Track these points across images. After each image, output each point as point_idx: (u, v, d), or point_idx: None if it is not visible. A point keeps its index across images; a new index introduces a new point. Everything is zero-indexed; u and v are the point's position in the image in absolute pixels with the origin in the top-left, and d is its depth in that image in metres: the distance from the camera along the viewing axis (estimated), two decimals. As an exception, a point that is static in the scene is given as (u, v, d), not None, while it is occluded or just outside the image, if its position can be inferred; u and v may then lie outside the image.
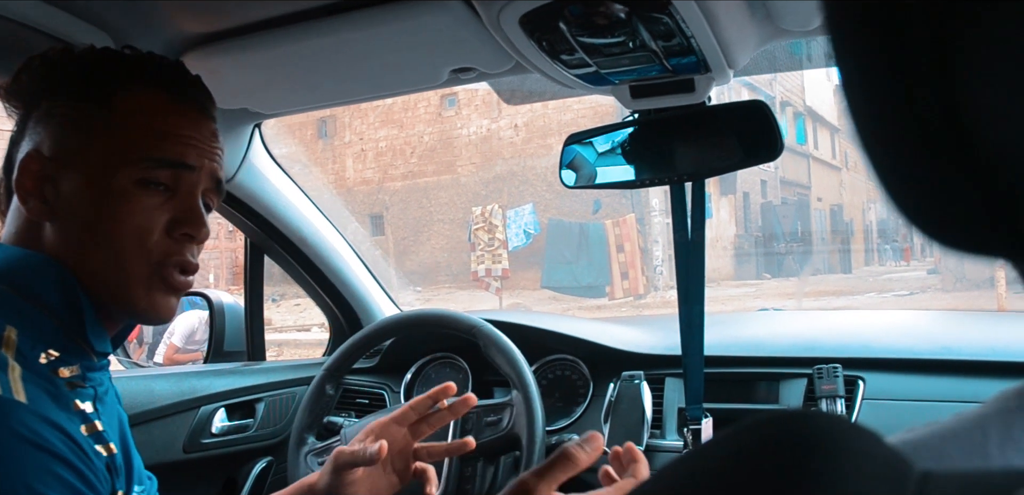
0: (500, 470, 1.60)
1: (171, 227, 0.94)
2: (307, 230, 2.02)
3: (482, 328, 1.66)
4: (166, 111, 0.95)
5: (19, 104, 0.96)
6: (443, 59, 1.29)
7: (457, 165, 22.07)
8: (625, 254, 17.77)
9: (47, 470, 0.76)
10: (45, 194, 0.91)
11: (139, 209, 0.91)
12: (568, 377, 1.91)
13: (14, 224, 0.93)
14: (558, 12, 1.04)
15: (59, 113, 0.92)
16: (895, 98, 0.24)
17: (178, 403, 1.77)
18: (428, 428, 1.26)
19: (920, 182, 0.26)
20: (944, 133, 0.23)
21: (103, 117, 0.92)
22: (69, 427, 0.81)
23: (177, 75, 0.98)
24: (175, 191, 0.95)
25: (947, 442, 0.43)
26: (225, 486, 1.88)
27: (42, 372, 0.84)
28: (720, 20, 1.07)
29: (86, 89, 0.93)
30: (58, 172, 0.91)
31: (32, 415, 0.78)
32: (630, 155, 1.45)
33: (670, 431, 1.72)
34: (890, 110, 0.25)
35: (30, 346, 0.84)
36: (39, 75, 0.94)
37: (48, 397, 0.82)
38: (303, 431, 1.70)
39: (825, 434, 0.34)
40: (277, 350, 11.17)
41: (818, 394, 1.59)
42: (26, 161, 0.91)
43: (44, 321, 0.88)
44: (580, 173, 1.50)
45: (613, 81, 1.31)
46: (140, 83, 0.95)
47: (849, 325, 2.04)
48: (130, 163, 0.91)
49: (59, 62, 0.94)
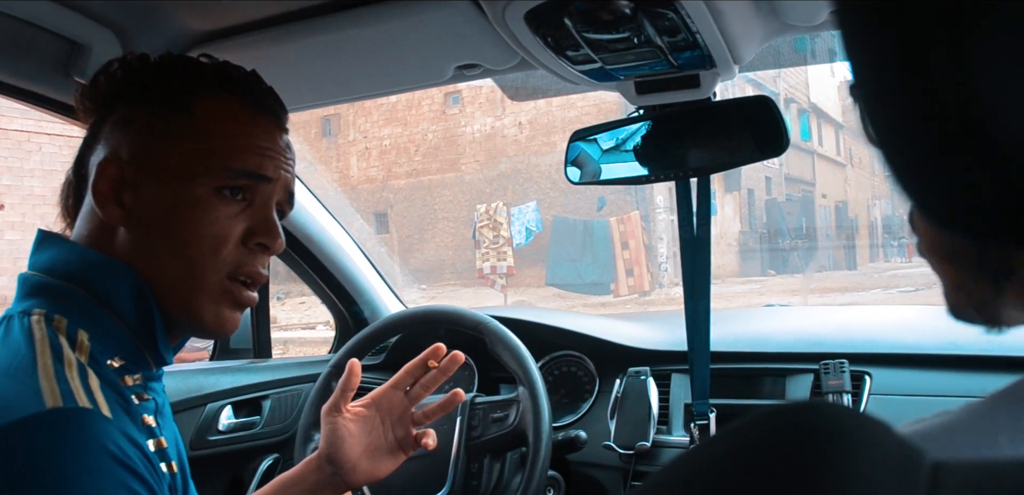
0: (507, 466, 1.60)
1: (246, 237, 0.94)
2: (313, 228, 2.02)
3: (488, 325, 1.66)
4: (245, 121, 0.95)
5: (94, 108, 0.96)
6: (448, 55, 1.29)
7: (461, 163, 22.06)
8: (630, 251, 17.73)
9: (127, 487, 0.74)
10: (122, 199, 0.90)
11: (217, 217, 0.91)
12: (574, 373, 1.91)
13: (86, 226, 0.93)
14: (563, 8, 1.04)
15: (138, 118, 0.92)
16: (907, 87, 0.24)
17: (185, 400, 1.77)
18: (423, 391, 1.29)
19: (931, 169, 0.26)
20: (956, 121, 0.23)
21: (183, 123, 0.92)
22: (143, 443, 0.81)
23: (254, 85, 0.98)
24: (251, 201, 0.95)
25: (957, 433, 0.43)
26: (232, 483, 1.89)
27: (113, 380, 0.83)
28: (725, 15, 1.07)
29: (166, 94, 0.93)
30: (136, 177, 0.90)
31: (117, 430, 0.77)
32: (635, 151, 1.45)
33: (676, 427, 1.72)
34: (902, 99, 0.25)
35: (100, 350, 0.84)
36: (117, 79, 0.94)
37: (122, 410, 0.82)
38: (310, 427, 1.70)
39: (837, 424, 0.34)
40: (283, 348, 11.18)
41: (824, 389, 1.59)
42: (104, 165, 0.90)
43: (113, 326, 0.87)
44: (585, 170, 1.50)
45: (618, 77, 1.31)
46: (220, 90, 0.95)
47: (855, 321, 2.03)
48: (210, 172, 0.91)
49: (138, 67, 0.95)
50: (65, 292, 0.87)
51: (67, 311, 0.84)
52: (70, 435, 0.73)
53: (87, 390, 0.77)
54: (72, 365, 0.79)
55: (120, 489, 0.74)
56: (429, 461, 1.55)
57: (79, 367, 0.79)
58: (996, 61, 0.22)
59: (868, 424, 0.34)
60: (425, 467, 1.55)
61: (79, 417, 0.74)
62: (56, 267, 0.89)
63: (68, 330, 0.83)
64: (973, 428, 0.42)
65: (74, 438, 0.73)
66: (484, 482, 1.55)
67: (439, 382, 1.30)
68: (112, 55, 1.12)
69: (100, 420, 0.76)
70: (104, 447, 0.74)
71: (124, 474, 0.75)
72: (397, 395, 1.29)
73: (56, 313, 0.83)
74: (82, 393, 0.76)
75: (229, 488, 1.88)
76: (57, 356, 0.79)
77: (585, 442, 1.65)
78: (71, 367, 0.78)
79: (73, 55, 1.22)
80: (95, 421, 0.75)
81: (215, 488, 1.86)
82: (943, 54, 0.23)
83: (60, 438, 0.72)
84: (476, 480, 1.55)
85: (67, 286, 0.87)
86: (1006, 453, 0.39)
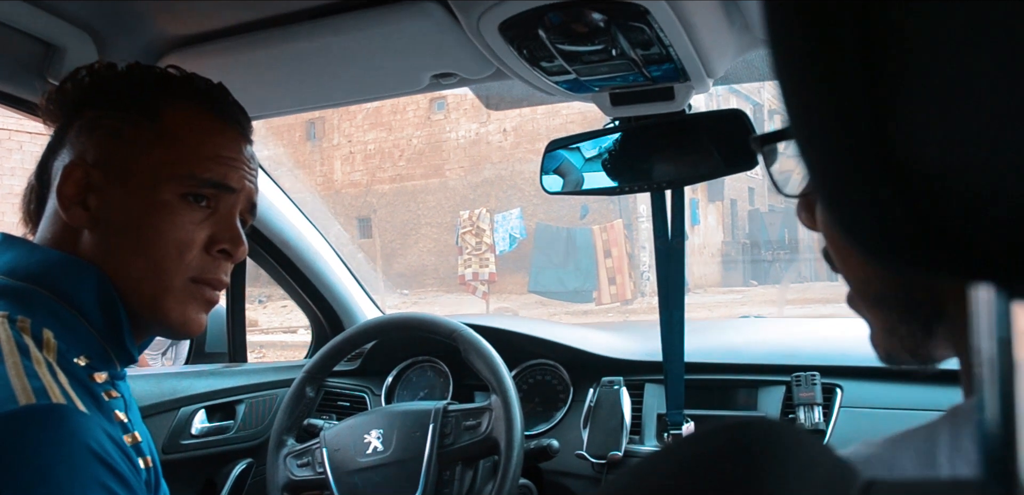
0: (479, 474, 1.60)
1: (209, 243, 0.96)
2: (290, 233, 2.02)
3: (462, 333, 1.66)
4: (213, 131, 0.97)
5: (60, 114, 0.97)
6: (424, 64, 1.30)
7: (445, 169, 22.05)
8: (613, 259, 17.78)
9: (103, 484, 0.74)
10: (87, 202, 0.92)
11: (182, 222, 0.93)
12: (548, 382, 1.92)
13: (50, 229, 0.94)
14: (538, 19, 1.05)
15: (105, 124, 0.94)
16: (825, 106, 0.25)
17: (158, 404, 1.76)
18: None
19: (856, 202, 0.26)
20: (873, 147, 0.24)
21: (152, 130, 0.94)
22: (120, 438, 0.81)
23: (222, 97, 1.01)
24: (215, 209, 0.97)
25: (899, 451, 0.44)
26: (205, 487, 1.88)
27: (82, 377, 0.84)
28: (698, 29, 1.08)
29: (134, 101, 0.95)
30: (102, 181, 0.92)
31: (94, 425, 0.77)
32: (611, 162, 1.46)
33: (649, 437, 1.72)
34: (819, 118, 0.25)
35: (66, 348, 0.84)
36: (84, 86, 0.96)
37: (95, 407, 0.82)
38: (283, 433, 1.70)
39: (773, 442, 0.34)
40: (263, 352, 11.13)
41: (796, 401, 1.60)
42: (69, 169, 0.91)
43: (78, 325, 0.88)
44: (568, 178, 1.50)
45: (593, 89, 1.32)
46: (187, 100, 0.97)
47: (828, 333, 2.05)
48: (176, 178, 0.93)
49: (106, 75, 0.97)
50: (27, 294, 0.87)
51: (31, 312, 0.84)
52: (46, 431, 0.73)
53: (60, 386, 0.77)
54: (41, 363, 0.79)
55: (97, 486, 0.73)
56: (400, 468, 1.55)
57: (48, 365, 0.79)
58: (908, 80, 0.23)
59: (804, 442, 0.35)
60: (396, 474, 1.55)
61: (55, 413, 0.74)
62: (17, 269, 0.89)
63: (33, 330, 0.83)
64: (914, 447, 0.43)
65: (50, 435, 0.73)
66: (456, 489, 1.55)
67: None
68: (87, 58, 1.12)
69: (76, 415, 0.76)
70: (83, 442, 0.74)
71: (102, 470, 0.74)
72: None
73: (19, 314, 0.83)
74: (55, 389, 0.76)
75: (202, 492, 1.87)
76: (25, 355, 0.78)
77: (557, 451, 1.65)
78: (41, 365, 0.78)
79: (48, 57, 1.22)
80: (71, 417, 0.75)
81: (187, 492, 1.85)
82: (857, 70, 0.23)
83: (36, 435, 0.72)
84: (448, 488, 1.55)
85: (29, 287, 0.87)
86: (944, 471, 0.40)
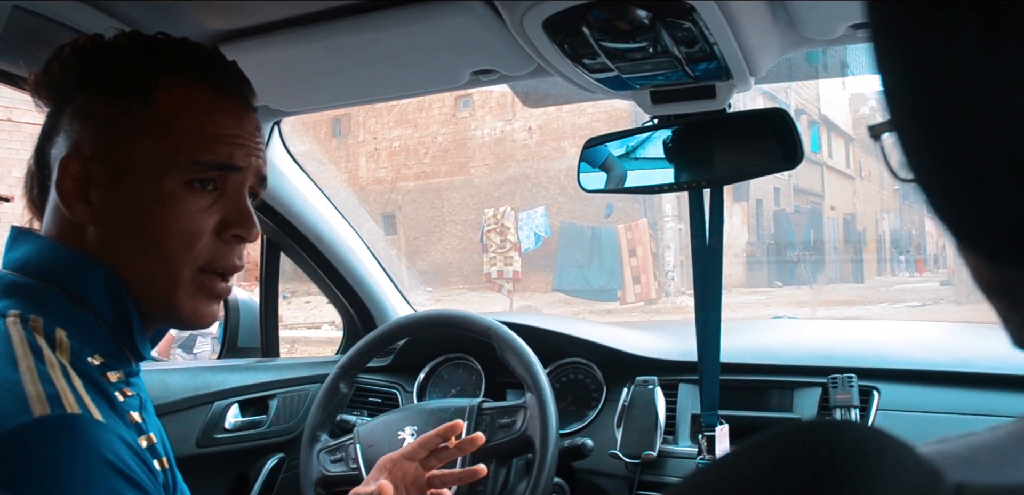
0: (512, 472, 1.60)
1: (220, 229, 0.91)
2: (324, 228, 2.02)
3: (497, 330, 1.66)
4: (212, 108, 0.91)
5: (50, 98, 0.91)
6: (465, 61, 1.30)
7: (470, 166, 22.05)
8: (637, 259, 17.69)
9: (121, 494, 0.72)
10: (89, 196, 0.87)
11: (188, 212, 0.88)
12: (581, 381, 1.91)
13: (55, 222, 0.89)
14: (581, 16, 1.04)
15: (97, 110, 0.88)
16: (945, 116, 0.24)
17: (192, 398, 1.78)
18: (437, 462, 1.32)
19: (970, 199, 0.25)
20: (991, 134, 0.23)
21: (146, 117, 0.87)
22: (135, 443, 0.79)
23: (218, 65, 0.93)
24: (223, 191, 0.91)
25: (980, 455, 0.43)
26: (237, 481, 1.89)
27: (95, 378, 0.81)
28: (743, 27, 1.07)
29: (125, 84, 0.88)
30: (101, 174, 0.87)
31: (110, 434, 0.74)
32: (649, 160, 1.45)
33: (683, 437, 1.71)
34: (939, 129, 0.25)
35: (80, 348, 0.82)
36: (71, 66, 0.89)
37: (110, 410, 0.79)
38: (316, 428, 1.70)
39: (858, 445, 0.33)
40: (289, 347, 11.19)
41: (833, 404, 1.58)
42: (66, 162, 0.86)
43: (90, 323, 0.85)
44: (612, 175, 1.49)
45: (634, 86, 1.31)
46: (181, 75, 0.90)
47: (864, 335, 2.03)
48: (178, 166, 0.87)
49: (92, 52, 0.89)
50: (39, 291, 0.84)
51: (43, 311, 0.82)
52: (61, 444, 0.70)
53: (74, 393, 0.75)
54: (55, 366, 0.77)
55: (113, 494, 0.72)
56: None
57: (62, 368, 0.77)
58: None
59: (890, 444, 0.34)
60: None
61: (70, 424, 0.72)
62: (29, 265, 0.86)
63: (45, 329, 0.80)
64: (997, 451, 0.41)
65: (66, 448, 0.71)
66: (489, 487, 1.55)
67: (454, 458, 1.36)
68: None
69: (92, 425, 0.73)
70: (99, 454, 0.72)
71: (119, 481, 0.72)
72: (411, 466, 1.31)
73: (31, 313, 0.81)
74: (70, 396, 0.74)
75: (234, 486, 1.89)
76: (38, 358, 0.76)
77: (591, 450, 1.64)
78: (54, 369, 0.76)
79: None
80: (86, 427, 0.73)
81: (220, 486, 1.86)
82: (979, 78, 0.23)
83: (51, 448, 0.70)
84: (481, 485, 1.54)
85: (41, 285, 0.85)
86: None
